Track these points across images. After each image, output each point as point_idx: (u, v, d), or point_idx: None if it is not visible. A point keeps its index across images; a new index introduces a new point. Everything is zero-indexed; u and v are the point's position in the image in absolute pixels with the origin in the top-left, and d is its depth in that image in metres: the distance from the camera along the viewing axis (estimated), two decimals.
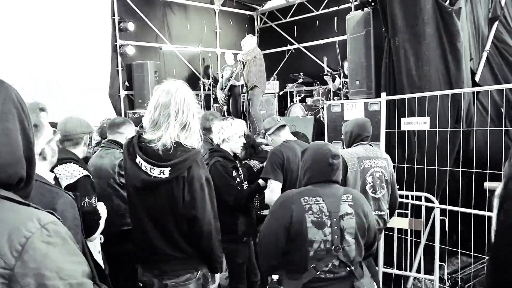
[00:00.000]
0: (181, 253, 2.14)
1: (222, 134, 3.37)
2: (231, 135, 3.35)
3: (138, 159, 2.07)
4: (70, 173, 2.43)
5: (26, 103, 1.66)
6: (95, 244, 2.50)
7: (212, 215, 2.15)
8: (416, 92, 4.28)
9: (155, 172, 2.02)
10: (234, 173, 3.33)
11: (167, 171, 2.02)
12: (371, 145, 3.31)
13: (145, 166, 2.04)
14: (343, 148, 3.38)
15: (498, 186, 1.23)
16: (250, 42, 7.36)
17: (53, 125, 3.35)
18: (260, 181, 3.38)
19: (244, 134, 3.47)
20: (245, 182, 3.46)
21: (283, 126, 3.47)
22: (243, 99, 8.87)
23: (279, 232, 2.12)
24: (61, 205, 1.59)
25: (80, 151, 2.73)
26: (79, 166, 2.52)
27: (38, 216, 0.92)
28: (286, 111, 8.34)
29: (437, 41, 4.35)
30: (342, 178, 2.99)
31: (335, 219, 2.10)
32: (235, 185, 3.29)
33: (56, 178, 2.33)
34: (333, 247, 2.08)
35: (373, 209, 3.09)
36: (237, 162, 3.46)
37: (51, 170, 1.90)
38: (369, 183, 3.12)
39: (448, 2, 4.37)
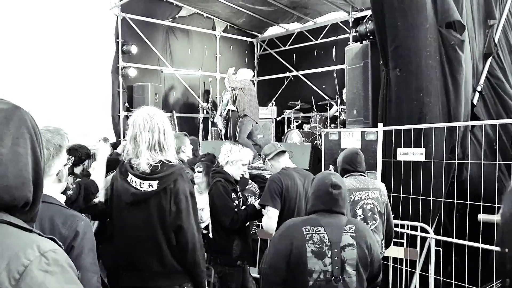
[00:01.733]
0: (166, 269, 2.24)
1: (228, 156, 3.46)
2: (236, 160, 3.44)
3: (129, 177, 2.25)
4: None
5: (51, 127, 1.77)
6: None
7: (195, 228, 2.27)
8: (415, 123, 4.35)
9: (144, 186, 2.21)
10: (233, 196, 3.39)
11: (155, 183, 2.20)
12: (364, 175, 3.32)
13: (135, 182, 2.23)
14: None
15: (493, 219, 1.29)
16: (245, 73, 7.58)
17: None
18: (256, 204, 3.42)
19: (249, 164, 3.54)
20: (244, 207, 3.51)
21: (283, 152, 3.51)
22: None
23: (279, 261, 2.13)
24: (83, 227, 1.65)
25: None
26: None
27: (38, 243, 0.91)
28: (283, 137, 8.44)
29: (439, 72, 4.39)
30: None
31: (335, 250, 2.09)
32: (233, 207, 3.34)
33: None
34: (333, 278, 2.07)
35: None
36: (237, 186, 3.52)
37: None
38: (360, 216, 3.09)
39: (452, 33, 4.45)
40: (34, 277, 0.86)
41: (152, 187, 2.19)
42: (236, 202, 3.41)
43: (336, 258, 2.08)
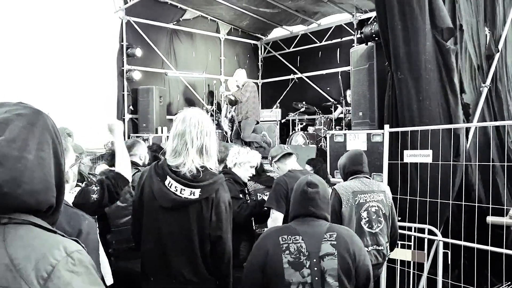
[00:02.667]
0: (198, 277, 2.16)
1: (236, 158, 3.46)
2: (244, 162, 3.44)
3: (167, 180, 2.14)
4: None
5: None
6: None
7: (231, 238, 2.23)
8: (417, 126, 4.35)
9: (186, 193, 2.11)
10: (241, 196, 3.39)
11: (197, 192, 2.12)
12: (368, 177, 3.29)
13: (175, 187, 2.12)
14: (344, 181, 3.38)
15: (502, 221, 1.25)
16: (243, 76, 7.60)
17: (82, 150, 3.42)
18: (266, 198, 3.43)
19: (257, 167, 3.54)
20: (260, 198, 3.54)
21: (289, 154, 3.51)
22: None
23: (255, 272, 2.04)
24: (86, 227, 1.66)
25: None
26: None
27: (64, 244, 0.94)
28: (288, 139, 8.43)
29: (437, 76, 4.43)
30: (336, 214, 2.97)
31: (314, 260, 1.96)
32: (241, 198, 3.34)
33: None
34: None
35: (370, 244, 3.05)
36: (246, 188, 3.53)
37: None
38: (365, 218, 3.07)
39: (443, 37, 4.48)
40: (62, 277, 0.89)
41: (194, 195, 2.11)
42: (248, 202, 3.41)
43: (316, 269, 1.95)
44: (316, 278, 1.94)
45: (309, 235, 2.02)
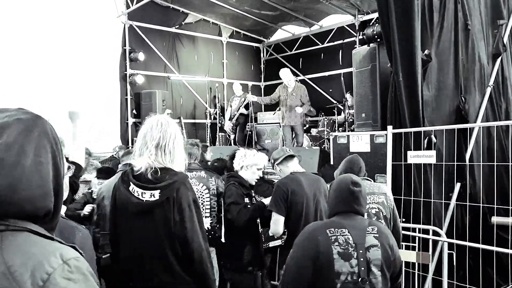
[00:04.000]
0: (175, 279, 2.17)
1: (242, 161, 3.47)
2: (250, 164, 3.45)
3: (131, 187, 2.19)
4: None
5: None
6: None
7: (201, 236, 2.20)
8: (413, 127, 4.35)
9: (146, 195, 2.14)
10: (247, 200, 3.39)
11: (157, 193, 2.13)
12: (369, 180, 3.29)
13: (136, 192, 2.16)
14: None
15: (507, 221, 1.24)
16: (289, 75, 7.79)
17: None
18: (265, 200, 3.42)
19: (264, 168, 3.53)
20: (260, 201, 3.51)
21: (292, 156, 3.50)
22: (249, 129, 9.00)
23: (305, 264, 2.10)
24: (80, 239, 1.61)
25: None
26: None
27: (61, 251, 0.93)
28: (284, 143, 8.41)
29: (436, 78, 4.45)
30: None
31: (361, 251, 2.07)
32: (243, 203, 3.34)
33: None
34: (360, 279, 2.04)
35: None
36: (252, 191, 3.53)
37: None
38: None
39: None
40: (58, 285, 0.87)
41: (154, 197, 2.13)
42: (249, 206, 3.40)
43: (362, 259, 2.06)
44: (363, 268, 2.05)
45: (354, 228, 2.13)
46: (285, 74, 7.89)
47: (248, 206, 3.40)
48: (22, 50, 7.38)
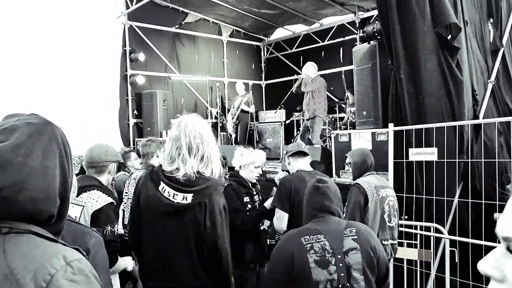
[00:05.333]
0: (199, 281, 2.16)
1: (239, 160, 3.49)
2: (247, 163, 3.47)
3: (161, 186, 2.14)
4: (95, 201, 2.47)
5: None
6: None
7: (227, 242, 2.21)
8: (417, 124, 4.34)
9: (178, 198, 2.10)
10: (247, 199, 3.40)
11: (189, 197, 2.10)
12: (378, 174, 3.35)
13: (168, 192, 2.12)
14: (353, 179, 3.37)
15: None
16: (313, 69, 7.40)
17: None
18: (266, 204, 3.44)
19: (262, 165, 3.54)
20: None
21: (304, 154, 3.50)
22: (251, 127, 9.00)
23: (280, 277, 2.02)
24: (94, 246, 1.62)
25: (104, 179, 2.73)
26: (103, 193, 2.54)
27: (64, 253, 0.93)
28: (292, 140, 8.41)
29: (439, 74, 4.41)
30: (360, 209, 2.98)
31: (339, 256, 1.97)
32: (243, 210, 3.36)
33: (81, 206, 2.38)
34: (340, 285, 1.94)
35: (388, 238, 3.08)
36: (253, 189, 3.53)
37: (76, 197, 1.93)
38: (386, 212, 3.11)
39: (449, 36, 4.46)
40: (60, 286, 0.88)
41: (186, 200, 2.10)
42: (249, 206, 3.41)
43: (341, 265, 1.96)
44: (342, 274, 1.95)
45: (330, 232, 2.03)
46: (305, 67, 7.58)
47: (250, 206, 3.42)
48: (22, 52, 7.39)
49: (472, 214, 4.07)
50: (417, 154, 4.22)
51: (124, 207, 3.67)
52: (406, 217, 4.22)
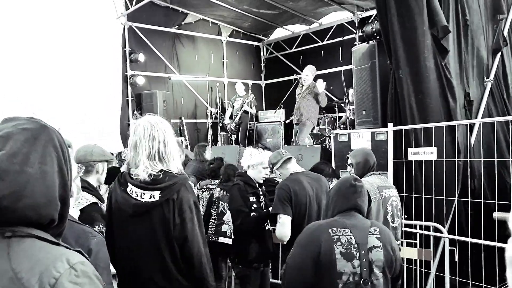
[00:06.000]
0: (172, 284, 2.13)
1: (248, 160, 3.52)
2: (256, 164, 3.49)
3: (129, 188, 2.16)
4: (78, 201, 2.45)
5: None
6: None
7: (201, 240, 2.17)
8: (417, 124, 4.34)
9: (146, 196, 2.11)
10: (253, 198, 3.42)
11: (157, 194, 2.10)
12: (381, 174, 3.35)
13: (135, 193, 2.13)
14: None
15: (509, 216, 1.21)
16: (311, 72, 7.43)
17: None
18: (271, 209, 3.43)
19: (269, 166, 3.56)
20: (264, 210, 3.55)
21: (289, 158, 3.49)
22: (251, 127, 9.01)
23: (306, 263, 2.08)
24: (96, 245, 1.63)
25: (93, 179, 2.69)
26: (88, 194, 2.51)
27: (67, 256, 0.95)
28: (292, 140, 8.43)
29: (437, 74, 4.43)
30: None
31: (363, 251, 2.06)
32: (245, 211, 3.38)
33: None
34: (362, 280, 2.03)
35: None
36: (260, 189, 3.55)
37: None
38: (390, 212, 3.11)
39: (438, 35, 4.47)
40: None
41: (154, 198, 2.09)
42: (255, 205, 3.42)
43: (364, 260, 2.05)
44: (365, 269, 2.04)
45: (356, 228, 2.11)
46: (305, 69, 7.59)
47: (255, 206, 3.44)
48: (22, 52, 7.39)
49: (471, 213, 4.08)
50: (416, 154, 4.23)
51: None
52: (405, 216, 4.23)
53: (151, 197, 2.10)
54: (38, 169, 0.97)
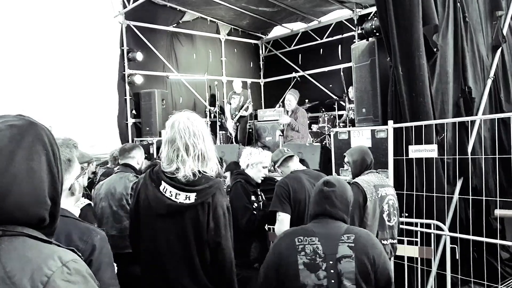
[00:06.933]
0: (199, 285, 2.09)
1: (248, 159, 3.48)
2: (255, 162, 3.46)
3: (162, 186, 2.08)
4: (81, 202, 2.45)
5: (60, 138, 1.71)
6: None
7: (232, 245, 2.15)
8: (411, 122, 4.33)
9: (181, 197, 2.05)
10: (253, 198, 3.39)
11: (193, 196, 2.04)
12: (378, 172, 3.33)
13: (170, 192, 2.06)
14: (353, 178, 3.34)
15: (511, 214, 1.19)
16: (294, 97, 7.32)
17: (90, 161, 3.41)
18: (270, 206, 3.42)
19: (269, 166, 3.54)
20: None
21: (291, 156, 3.49)
22: (250, 126, 8.99)
23: (270, 273, 2.00)
24: (100, 242, 1.62)
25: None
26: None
27: (59, 254, 0.93)
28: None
29: (430, 73, 4.42)
30: (360, 208, 2.95)
31: (331, 262, 1.90)
32: (251, 208, 3.35)
33: None
34: None
35: (387, 237, 3.06)
36: (258, 190, 3.54)
37: None
38: (386, 211, 3.09)
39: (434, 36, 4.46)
40: (57, 287, 0.88)
41: (189, 200, 2.04)
42: (256, 204, 3.41)
43: (332, 271, 1.89)
44: (333, 281, 1.88)
45: (326, 236, 1.97)
46: (288, 94, 7.48)
47: (256, 205, 3.41)
48: (19, 51, 7.36)
49: (472, 211, 4.06)
50: (417, 151, 4.20)
51: None
52: (406, 214, 4.21)
53: (186, 199, 2.05)
54: (25, 167, 0.94)
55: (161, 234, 2.12)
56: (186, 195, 2.05)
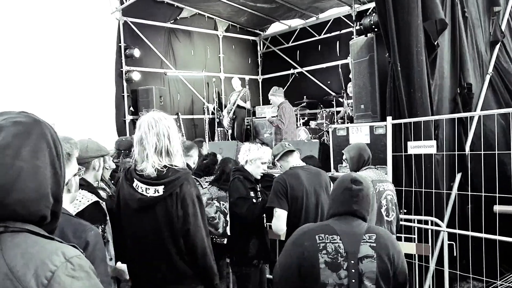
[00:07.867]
0: (178, 274, 2.23)
1: (247, 155, 3.48)
2: (254, 158, 3.46)
3: (135, 183, 2.24)
4: (79, 201, 2.40)
5: (61, 136, 1.70)
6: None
7: (204, 232, 2.26)
8: (408, 117, 4.31)
9: (150, 191, 2.20)
10: (252, 194, 3.39)
11: (161, 189, 2.18)
12: (376, 168, 3.33)
13: (141, 188, 2.22)
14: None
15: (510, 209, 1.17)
16: (275, 94, 7.18)
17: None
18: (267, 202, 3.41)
19: (268, 162, 3.52)
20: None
21: (291, 151, 3.48)
22: (247, 122, 8.96)
23: (290, 270, 1.96)
24: (93, 238, 1.64)
25: (90, 176, 2.62)
26: (88, 192, 2.45)
27: (63, 250, 0.94)
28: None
29: (431, 69, 4.40)
30: None
31: (352, 261, 1.86)
32: (250, 198, 3.36)
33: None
34: None
35: None
36: (257, 185, 3.53)
37: None
38: (384, 206, 3.10)
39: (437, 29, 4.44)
40: (62, 283, 0.89)
41: (158, 193, 2.18)
42: (254, 200, 3.40)
43: (353, 271, 1.85)
44: (353, 281, 1.85)
45: (348, 235, 1.92)
46: (269, 97, 7.31)
47: (254, 201, 3.40)
48: (16, 49, 7.32)
49: (471, 207, 4.05)
50: (415, 147, 4.18)
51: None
52: (405, 210, 4.20)
53: (155, 192, 2.19)
54: (29, 164, 0.95)
55: (137, 228, 2.28)
56: (155, 189, 2.19)
